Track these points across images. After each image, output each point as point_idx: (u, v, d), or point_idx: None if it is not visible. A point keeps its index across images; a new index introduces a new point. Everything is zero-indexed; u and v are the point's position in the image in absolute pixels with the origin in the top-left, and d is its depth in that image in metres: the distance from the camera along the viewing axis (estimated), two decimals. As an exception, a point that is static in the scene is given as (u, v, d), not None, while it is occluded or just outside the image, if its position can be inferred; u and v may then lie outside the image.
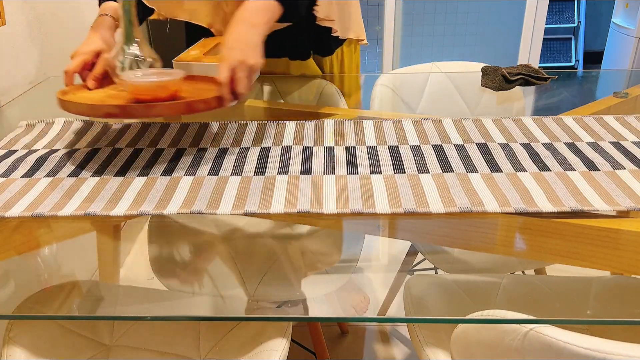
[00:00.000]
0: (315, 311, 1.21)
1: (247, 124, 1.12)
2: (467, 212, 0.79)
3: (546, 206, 0.79)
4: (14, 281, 0.93)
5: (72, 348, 0.95)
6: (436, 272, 1.24)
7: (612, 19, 3.34)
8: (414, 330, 0.93)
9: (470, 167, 0.91)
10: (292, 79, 1.33)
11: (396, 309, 1.42)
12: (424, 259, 1.20)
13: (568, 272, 1.06)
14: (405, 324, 1.59)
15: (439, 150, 0.97)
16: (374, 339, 1.59)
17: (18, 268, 0.94)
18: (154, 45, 2.28)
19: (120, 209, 0.82)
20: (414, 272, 1.27)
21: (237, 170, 0.94)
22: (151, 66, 1.02)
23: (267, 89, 1.42)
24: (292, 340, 1.50)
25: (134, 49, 1.00)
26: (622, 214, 0.80)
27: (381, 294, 1.42)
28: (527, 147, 0.98)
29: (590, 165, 0.91)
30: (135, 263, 1.82)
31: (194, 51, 1.16)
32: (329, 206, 0.82)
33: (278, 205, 0.82)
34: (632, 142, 0.99)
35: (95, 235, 1.33)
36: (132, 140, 1.07)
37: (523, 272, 1.27)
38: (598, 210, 0.78)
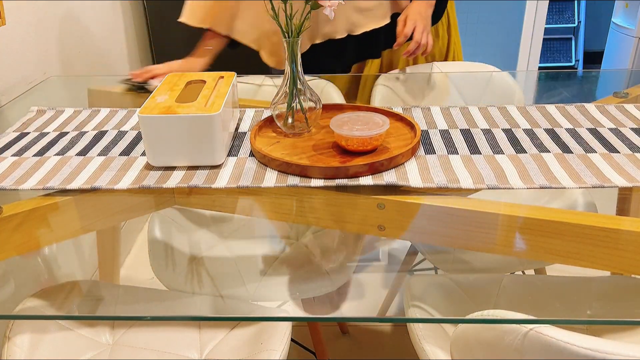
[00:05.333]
0: (315, 311, 1.21)
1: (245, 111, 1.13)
2: (444, 187, 0.84)
3: (517, 184, 0.84)
4: (14, 281, 0.93)
5: (72, 348, 0.95)
6: (436, 272, 1.24)
7: (612, 19, 3.34)
8: (414, 330, 0.93)
9: (451, 150, 0.92)
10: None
11: (396, 309, 1.42)
12: (424, 259, 1.20)
13: (568, 272, 1.06)
14: (405, 324, 1.59)
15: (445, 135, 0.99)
16: (374, 339, 1.59)
17: (18, 268, 0.94)
18: (156, 58, 2.29)
19: (123, 184, 0.87)
20: (414, 272, 1.27)
21: (234, 152, 0.97)
22: (311, 109, 0.98)
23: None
24: (292, 340, 1.50)
25: (301, 91, 0.96)
26: (623, 214, 0.80)
27: (381, 294, 1.42)
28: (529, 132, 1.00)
29: (589, 150, 0.95)
30: (135, 263, 1.82)
31: (160, 96, 0.94)
32: (316, 180, 0.86)
33: (270, 181, 0.87)
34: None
35: (95, 235, 1.33)
36: (137, 125, 1.11)
37: (523, 272, 1.27)
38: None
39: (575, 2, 3.91)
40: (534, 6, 2.92)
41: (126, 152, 0.99)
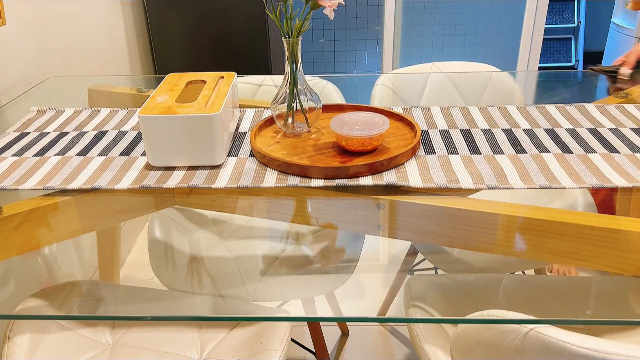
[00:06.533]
0: (315, 311, 1.21)
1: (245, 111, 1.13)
2: (444, 187, 0.84)
3: (517, 183, 0.85)
4: (14, 281, 0.93)
5: (72, 348, 0.95)
6: (436, 272, 1.24)
7: (612, 19, 3.34)
8: (414, 330, 0.93)
9: (452, 150, 0.92)
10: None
11: (396, 309, 1.42)
12: (424, 259, 1.20)
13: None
14: (405, 324, 1.59)
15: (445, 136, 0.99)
16: (374, 339, 1.59)
17: (18, 268, 0.94)
18: (156, 58, 2.29)
19: (123, 184, 0.87)
20: (414, 272, 1.27)
21: (234, 152, 0.97)
22: (311, 109, 0.98)
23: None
24: (292, 340, 1.50)
25: (300, 92, 0.96)
26: (622, 214, 0.80)
27: (381, 294, 1.42)
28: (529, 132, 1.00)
29: (589, 150, 0.95)
30: (135, 263, 1.82)
31: (160, 96, 0.94)
32: (317, 181, 0.87)
33: (270, 181, 0.87)
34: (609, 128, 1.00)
35: (95, 235, 1.33)
36: (137, 125, 1.11)
37: (523, 272, 1.27)
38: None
39: (575, 2, 3.91)
40: (534, 6, 2.92)
41: (126, 152, 0.99)
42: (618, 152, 0.94)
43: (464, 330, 0.78)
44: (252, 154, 0.96)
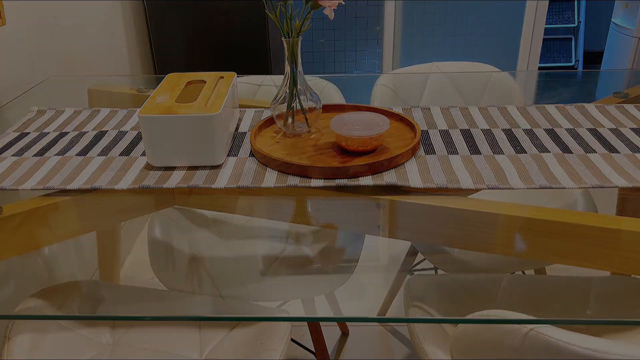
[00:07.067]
0: (315, 311, 1.20)
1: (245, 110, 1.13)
2: (444, 188, 0.84)
3: (518, 184, 0.85)
4: (14, 281, 0.93)
5: (72, 348, 0.95)
6: (436, 272, 1.24)
7: (612, 19, 3.34)
8: (414, 330, 0.93)
9: (452, 149, 0.92)
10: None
11: (396, 309, 1.42)
12: (424, 259, 1.20)
13: (568, 272, 1.06)
14: (405, 324, 1.59)
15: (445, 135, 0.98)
16: (374, 339, 1.59)
17: (18, 268, 0.94)
18: (156, 58, 2.29)
19: (123, 184, 0.88)
20: (414, 272, 1.27)
21: (234, 152, 0.97)
22: (311, 109, 0.98)
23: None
24: (292, 340, 1.50)
25: (300, 92, 0.96)
26: (622, 214, 0.80)
27: (381, 294, 1.42)
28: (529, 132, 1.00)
29: (588, 149, 0.95)
30: (135, 263, 1.82)
31: (160, 97, 0.94)
32: (317, 181, 0.87)
33: (270, 181, 0.87)
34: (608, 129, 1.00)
35: (95, 235, 1.33)
36: (137, 125, 1.11)
37: (523, 272, 1.27)
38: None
39: (575, 2, 3.90)
40: (534, 6, 2.92)
41: (126, 152, 0.99)
42: (618, 152, 0.94)
43: (464, 330, 0.78)
44: (252, 154, 0.96)
